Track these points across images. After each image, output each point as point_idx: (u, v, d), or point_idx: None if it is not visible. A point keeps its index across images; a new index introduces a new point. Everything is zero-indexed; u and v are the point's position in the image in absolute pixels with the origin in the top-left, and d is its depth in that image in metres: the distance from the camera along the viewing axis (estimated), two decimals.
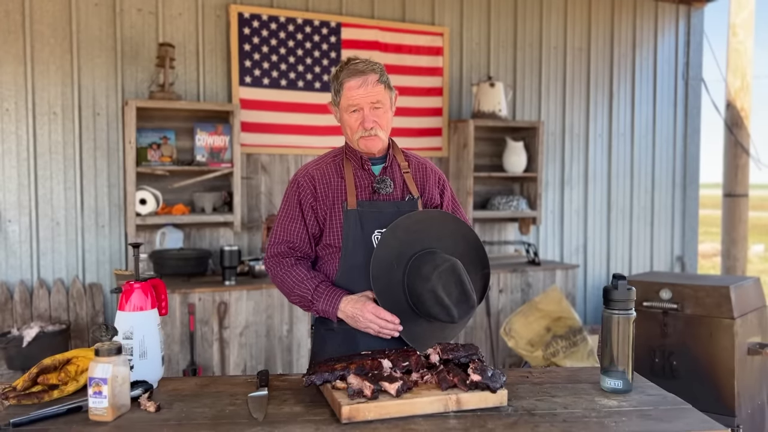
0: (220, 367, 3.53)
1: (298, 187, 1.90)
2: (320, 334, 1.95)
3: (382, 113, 1.88)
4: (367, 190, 1.91)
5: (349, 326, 1.84)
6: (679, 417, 1.48)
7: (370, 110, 1.86)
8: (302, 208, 1.90)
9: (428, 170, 2.01)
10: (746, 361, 3.02)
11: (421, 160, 2.03)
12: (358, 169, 1.92)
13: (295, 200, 1.90)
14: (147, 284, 1.66)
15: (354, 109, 1.87)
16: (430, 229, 1.84)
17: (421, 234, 1.83)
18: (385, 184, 1.90)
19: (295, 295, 1.88)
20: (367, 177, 1.92)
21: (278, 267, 1.91)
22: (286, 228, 1.91)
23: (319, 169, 1.92)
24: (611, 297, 1.63)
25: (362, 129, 1.86)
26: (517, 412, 1.49)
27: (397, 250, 1.79)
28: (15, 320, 3.63)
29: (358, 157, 1.92)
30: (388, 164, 1.94)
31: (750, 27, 5.70)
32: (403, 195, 1.94)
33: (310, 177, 1.90)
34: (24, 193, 3.70)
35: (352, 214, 1.86)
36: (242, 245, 4.12)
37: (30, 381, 1.52)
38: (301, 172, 1.93)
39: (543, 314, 3.99)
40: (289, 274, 1.89)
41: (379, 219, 1.87)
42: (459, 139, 4.56)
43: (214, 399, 1.56)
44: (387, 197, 1.91)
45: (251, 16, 4.09)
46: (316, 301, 1.84)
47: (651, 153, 5.58)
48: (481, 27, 4.86)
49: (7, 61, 3.64)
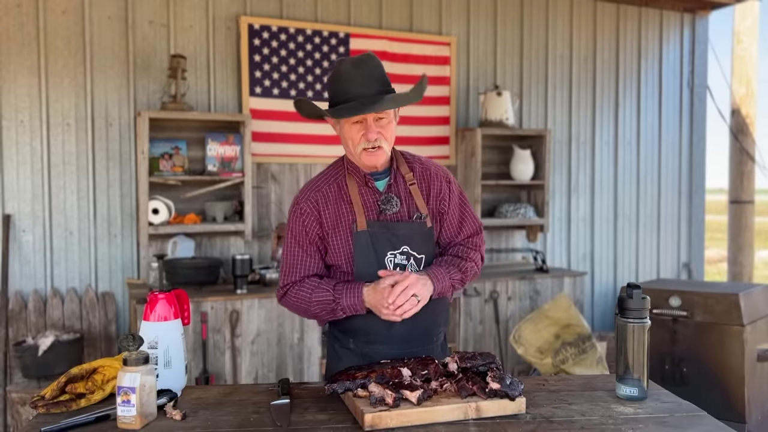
0: (232, 375, 3.56)
1: (302, 214, 1.83)
2: (335, 350, 1.93)
3: (386, 123, 1.77)
4: (373, 209, 1.83)
5: (365, 348, 1.85)
6: (695, 424, 1.51)
7: (373, 121, 1.75)
8: (309, 237, 1.83)
9: (432, 175, 1.91)
10: (756, 368, 3.04)
11: (425, 164, 1.93)
12: (362, 186, 1.84)
13: (301, 230, 1.84)
14: (171, 295, 1.70)
15: (356, 120, 1.76)
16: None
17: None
18: (391, 204, 1.83)
19: (315, 303, 1.80)
20: (372, 195, 1.84)
21: (292, 291, 1.85)
22: (295, 259, 1.85)
23: (321, 192, 1.84)
24: (626, 306, 1.66)
25: (365, 141, 1.75)
26: (535, 419, 1.52)
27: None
28: (29, 329, 3.67)
29: (361, 174, 1.83)
30: (392, 179, 1.86)
31: (754, 34, 5.74)
32: (410, 213, 1.86)
33: (313, 202, 1.83)
34: (38, 203, 3.75)
35: (363, 236, 1.80)
36: (253, 254, 4.15)
37: (58, 390, 1.56)
38: (301, 197, 1.85)
39: (552, 321, 4.01)
40: (303, 288, 1.82)
41: (391, 241, 1.82)
42: (466, 147, 4.60)
43: (238, 407, 1.59)
44: (394, 217, 1.84)
45: (261, 27, 4.14)
46: (339, 298, 1.76)
47: (657, 160, 5.61)
48: (487, 36, 4.90)
49: (22, 73, 3.70)
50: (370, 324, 1.83)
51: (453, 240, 1.95)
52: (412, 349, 1.87)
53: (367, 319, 1.82)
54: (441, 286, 1.81)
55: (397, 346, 1.86)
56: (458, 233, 1.95)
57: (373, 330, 1.85)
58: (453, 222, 1.94)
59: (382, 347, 1.86)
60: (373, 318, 1.80)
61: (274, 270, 3.86)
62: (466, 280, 1.91)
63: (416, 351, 1.87)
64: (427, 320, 1.88)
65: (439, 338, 1.98)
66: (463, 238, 1.95)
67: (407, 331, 1.85)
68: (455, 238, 1.95)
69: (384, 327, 1.83)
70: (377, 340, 1.86)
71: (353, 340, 1.89)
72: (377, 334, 1.85)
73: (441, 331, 2.00)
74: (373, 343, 1.86)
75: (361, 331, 1.86)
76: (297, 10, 4.28)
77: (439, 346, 1.98)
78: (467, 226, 1.96)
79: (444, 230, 1.93)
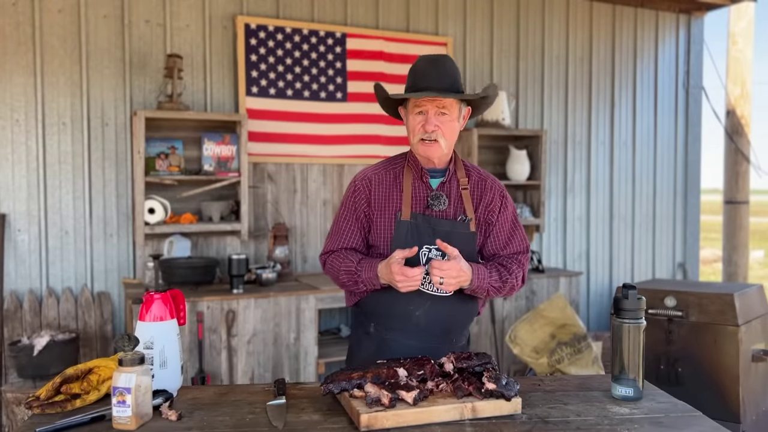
0: (228, 375, 3.55)
1: (355, 190, 1.95)
2: (357, 335, 2.00)
3: (447, 120, 1.84)
4: (422, 203, 1.90)
5: (384, 333, 1.91)
6: (690, 424, 1.51)
7: (434, 114, 1.83)
8: (356, 213, 1.94)
9: (487, 187, 1.96)
10: (750, 368, 3.05)
11: (482, 175, 1.99)
12: (417, 179, 1.92)
13: (351, 205, 1.95)
14: (166, 295, 1.70)
15: (419, 111, 1.84)
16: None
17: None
18: (439, 201, 1.88)
19: (342, 272, 1.90)
20: (425, 189, 1.91)
21: (330, 259, 1.96)
22: (341, 231, 1.96)
23: (377, 174, 1.94)
24: (622, 306, 1.66)
25: (423, 131, 1.83)
26: (531, 420, 1.52)
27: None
28: (24, 329, 3.66)
29: (419, 167, 1.91)
30: (447, 179, 1.92)
31: (749, 35, 5.77)
32: (456, 213, 1.91)
33: (367, 181, 1.94)
34: (33, 202, 3.74)
35: (404, 225, 1.86)
36: (249, 254, 4.15)
37: (53, 390, 1.55)
38: (359, 175, 1.97)
39: (547, 321, 4.02)
40: (338, 258, 1.93)
41: (431, 235, 1.86)
42: (463, 147, 4.60)
43: (233, 408, 1.59)
44: (440, 214, 1.89)
45: (258, 26, 4.14)
46: (360, 271, 1.86)
47: (652, 160, 5.63)
48: (484, 37, 4.91)
49: (18, 72, 3.68)
50: (391, 308, 1.89)
51: (498, 253, 1.97)
52: (430, 345, 1.90)
53: (389, 303, 1.88)
54: (479, 283, 1.83)
55: (416, 337, 1.89)
56: (505, 247, 1.97)
57: (393, 315, 1.89)
58: (501, 235, 1.96)
59: (400, 335, 1.90)
60: (393, 303, 1.87)
61: (271, 270, 3.86)
62: (502, 290, 1.91)
63: (434, 347, 1.89)
64: (448, 317, 1.90)
65: (459, 340, 1.99)
66: (509, 253, 1.97)
67: (426, 323, 1.89)
68: (501, 251, 1.97)
69: (403, 314, 1.88)
70: (396, 326, 1.90)
71: (374, 324, 1.94)
72: (397, 320, 1.89)
73: (462, 335, 2.01)
74: (392, 329, 1.91)
75: (382, 314, 1.92)
76: (293, 10, 4.28)
77: (459, 350, 1.98)
78: (515, 243, 1.99)
79: (490, 241, 1.96)
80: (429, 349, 1.85)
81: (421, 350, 1.84)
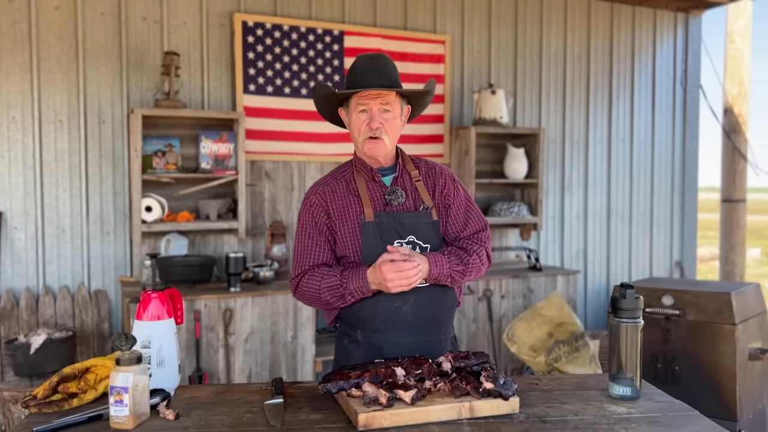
0: (225, 373, 3.55)
1: (311, 205, 1.92)
2: (344, 346, 1.96)
3: (390, 118, 1.88)
4: (380, 202, 1.91)
5: (373, 338, 1.88)
6: (687, 423, 1.51)
7: (378, 112, 1.86)
8: (319, 227, 1.90)
9: (437, 174, 2.00)
10: (747, 367, 3.06)
11: (430, 164, 2.03)
12: (369, 181, 1.93)
13: (310, 221, 1.92)
14: (164, 294, 1.69)
15: (362, 109, 1.86)
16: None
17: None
18: (396, 195, 1.91)
19: (324, 290, 1.84)
20: (379, 189, 1.93)
21: (303, 281, 1.89)
22: (309, 249, 1.91)
23: (329, 186, 1.94)
24: (619, 305, 1.66)
25: (368, 129, 1.86)
26: (528, 419, 1.52)
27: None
28: (21, 327, 3.65)
29: (368, 168, 1.93)
30: (398, 174, 1.95)
31: (747, 34, 5.77)
32: (416, 204, 1.94)
33: (321, 194, 1.92)
34: (30, 200, 3.72)
35: (371, 226, 1.87)
36: (246, 252, 4.14)
37: (50, 389, 1.55)
38: (311, 191, 1.95)
39: (545, 320, 4.02)
40: (313, 277, 1.87)
41: (398, 230, 1.88)
42: (460, 145, 4.60)
43: (231, 407, 1.59)
44: (400, 208, 1.91)
45: (255, 24, 4.13)
46: (346, 283, 1.82)
47: (650, 159, 5.63)
48: (482, 35, 4.90)
49: (14, 70, 3.67)
50: (376, 310, 1.86)
51: (458, 235, 1.99)
52: (421, 339, 1.89)
53: (373, 306, 1.86)
54: (438, 272, 1.84)
55: (406, 334, 1.88)
56: (463, 228, 1.99)
57: (379, 316, 1.87)
58: (458, 217, 1.99)
59: (390, 335, 1.88)
60: (378, 303, 1.85)
61: (268, 268, 3.86)
62: (467, 272, 1.92)
63: (426, 342, 1.89)
64: (431, 307, 1.90)
65: (448, 331, 2.00)
66: (468, 234, 2.00)
67: (413, 317, 1.88)
68: (461, 233, 1.99)
69: (389, 312, 1.86)
70: (384, 327, 1.88)
71: (361, 331, 1.91)
72: (385, 321, 1.87)
73: (451, 326, 2.02)
74: (380, 331, 1.88)
75: (368, 319, 1.89)
76: (291, 8, 4.27)
77: (449, 341, 2.00)
78: (473, 222, 2.01)
79: (449, 225, 1.98)
80: (421, 344, 1.86)
81: (414, 346, 1.84)
